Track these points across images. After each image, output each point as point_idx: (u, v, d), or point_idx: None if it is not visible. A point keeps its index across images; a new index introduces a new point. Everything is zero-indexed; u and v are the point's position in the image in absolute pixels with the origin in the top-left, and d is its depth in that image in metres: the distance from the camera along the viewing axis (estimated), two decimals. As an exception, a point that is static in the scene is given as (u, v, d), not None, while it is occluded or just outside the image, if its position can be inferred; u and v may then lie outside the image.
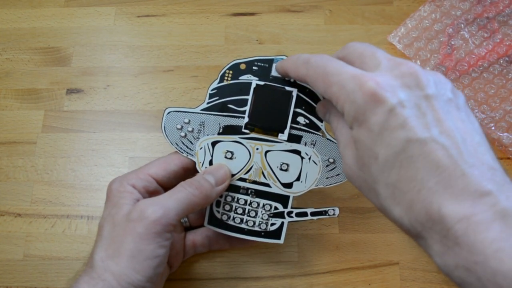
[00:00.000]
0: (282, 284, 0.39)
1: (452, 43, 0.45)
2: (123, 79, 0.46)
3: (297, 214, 0.34)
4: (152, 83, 0.46)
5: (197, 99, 0.45)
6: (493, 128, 0.42)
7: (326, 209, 0.34)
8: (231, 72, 0.35)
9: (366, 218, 0.41)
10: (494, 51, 0.45)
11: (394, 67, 0.25)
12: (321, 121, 0.35)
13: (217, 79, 0.35)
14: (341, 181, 0.34)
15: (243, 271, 0.39)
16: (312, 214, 0.34)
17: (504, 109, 0.43)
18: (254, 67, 0.35)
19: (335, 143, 0.34)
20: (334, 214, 0.34)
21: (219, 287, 0.39)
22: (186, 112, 0.35)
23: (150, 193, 0.33)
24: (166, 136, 0.35)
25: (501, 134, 0.42)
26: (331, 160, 0.34)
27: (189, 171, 0.35)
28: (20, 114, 0.45)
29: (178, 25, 0.48)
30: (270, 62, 0.35)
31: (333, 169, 0.35)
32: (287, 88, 0.35)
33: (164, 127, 0.35)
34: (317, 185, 0.34)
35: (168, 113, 0.35)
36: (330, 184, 0.35)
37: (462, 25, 0.46)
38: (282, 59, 0.34)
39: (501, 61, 0.44)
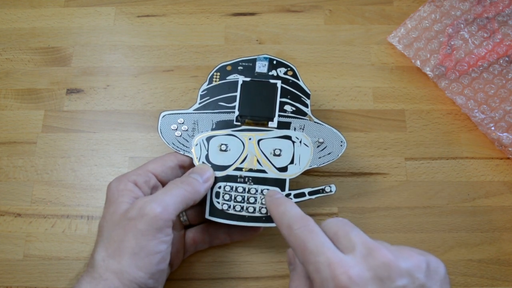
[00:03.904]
0: (282, 284, 0.39)
1: (452, 43, 0.45)
2: (123, 79, 0.46)
3: (295, 196, 0.35)
4: (152, 83, 0.46)
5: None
6: (493, 128, 0.42)
7: (323, 187, 0.35)
8: (218, 73, 0.39)
9: (366, 218, 0.41)
10: (494, 51, 0.45)
11: (368, 254, 0.25)
12: (307, 107, 0.37)
13: (206, 81, 0.38)
14: (333, 159, 0.36)
15: (243, 271, 0.39)
16: (310, 193, 0.35)
17: (504, 109, 0.43)
18: (239, 67, 0.39)
19: (323, 125, 0.37)
20: (331, 191, 0.35)
21: (219, 287, 0.39)
22: (179, 113, 0.37)
23: (151, 188, 0.34)
24: (163, 137, 0.37)
25: (501, 134, 0.42)
26: (321, 141, 0.37)
27: (185, 168, 0.36)
28: (20, 114, 0.45)
29: (178, 25, 0.48)
30: (253, 61, 0.39)
31: (324, 148, 0.37)
32: (272, 81, 0.38)
33: (160, 130, 0.37)
34: (311, 166, 0.36)
35: (163, 116, 0.37)
36: (323, 163, 0.36)
37: (462, 25, 0.46)
38: (264, 58, 0.39)
39: (501, 61, 0.45)
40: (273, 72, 0.38)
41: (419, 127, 0.44)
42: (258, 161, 0.36)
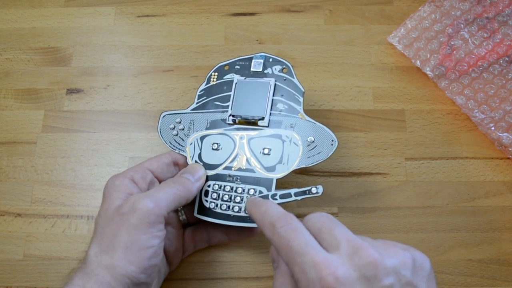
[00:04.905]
0: (282, 284, 0.39)
1: (452, 43, 0.45)
2: (123, 79, 0.46)
3: (281, 196, 0.35)
4: (152, 83, 0.46)
5: (197, 99, 0.45)
6: (493, 128, 0.42)
7: (309, 187, 0.34)
8: (216, 73, 0.39)
9: (366, 218, 0.41)
10: (494, 51, 0.45)
11: (353, 253, 0.25)
12: (299, 105, 0.37)
13: (204, 81, 0.39)
14: (322, 159, 0.35)
15: (243, 271, 0.39)
16: (296, 194, 0.34)
17: (504, 109, 0.43)
18: (236, 66, 0.39)
19: (314, 123, 0.36)
20: (317, 192, 0.34)
21: (219, 287, 0.39)
22: (178, 113, 0.38)
23: (148, 183, 0.35)
24: (161, 137, 0.38)
25: (501, 134, 0.42)
26: (311, 139, 0.36)
27: (179, 165, 0.37)
28: (20, 114, 0.45)
29: (178, 25, 0.48)
30: (250, 60, 0.39)
31: (313, 148, 0.36)
32: (265, 79, 0.38)
33: (160, 129, 0.38)
34: (299, 165, 0.36)
35: (163, 116, 0.38)
36: (312, 163, 0.35)
37: (462, 25, 0.46)
38: (261, 56, 0.39)
39: (501, 61, 0.45)
40: (268, 70, 0.38)
41: (419, 127, 0.44)
42: (247, 160, 0.36)
